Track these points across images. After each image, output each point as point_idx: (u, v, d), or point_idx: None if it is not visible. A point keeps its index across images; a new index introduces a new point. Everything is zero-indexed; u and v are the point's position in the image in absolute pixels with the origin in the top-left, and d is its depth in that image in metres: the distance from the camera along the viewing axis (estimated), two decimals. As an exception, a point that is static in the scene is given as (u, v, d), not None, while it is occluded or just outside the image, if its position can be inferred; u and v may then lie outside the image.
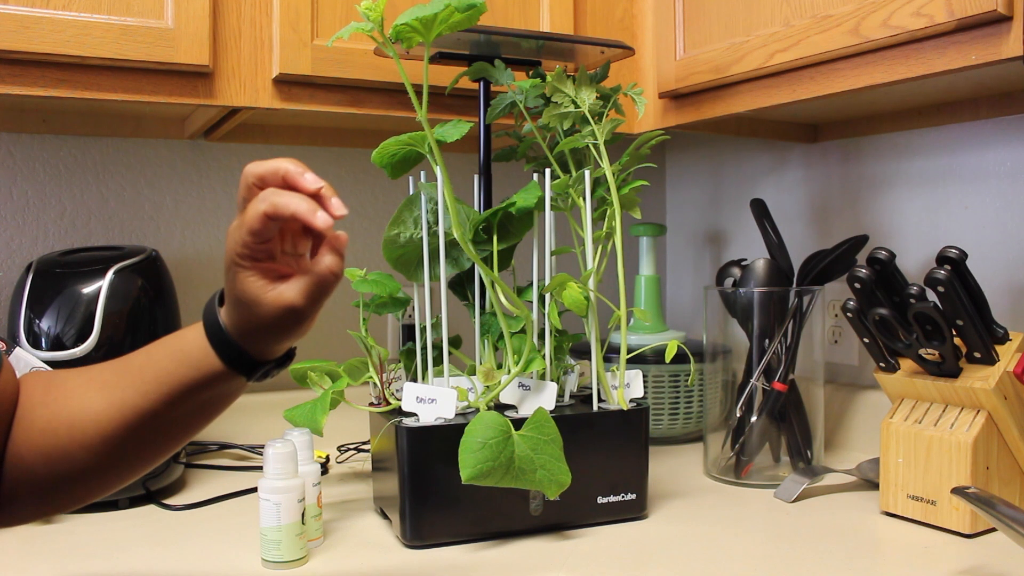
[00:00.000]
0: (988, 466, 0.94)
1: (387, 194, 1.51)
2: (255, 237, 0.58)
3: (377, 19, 0.84)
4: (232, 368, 0.63)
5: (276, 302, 0.59)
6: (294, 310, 0.59)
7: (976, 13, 0.82)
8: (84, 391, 0.65)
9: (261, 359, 0.63)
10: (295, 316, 0.60)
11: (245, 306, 0.60)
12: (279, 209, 0.58)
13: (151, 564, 0.87)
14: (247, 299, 0.60)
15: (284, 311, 0.59)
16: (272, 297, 0.59)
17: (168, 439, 0.67)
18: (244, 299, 0.60)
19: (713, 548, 0.90)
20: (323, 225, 0.58)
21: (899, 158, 1.28)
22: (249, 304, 0.60)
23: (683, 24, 1.18)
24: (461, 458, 0.85)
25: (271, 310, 0.59)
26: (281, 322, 0.60)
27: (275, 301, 0.59)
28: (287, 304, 0.59)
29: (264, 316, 0.60)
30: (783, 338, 1.15)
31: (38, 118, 1.26)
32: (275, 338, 0.62)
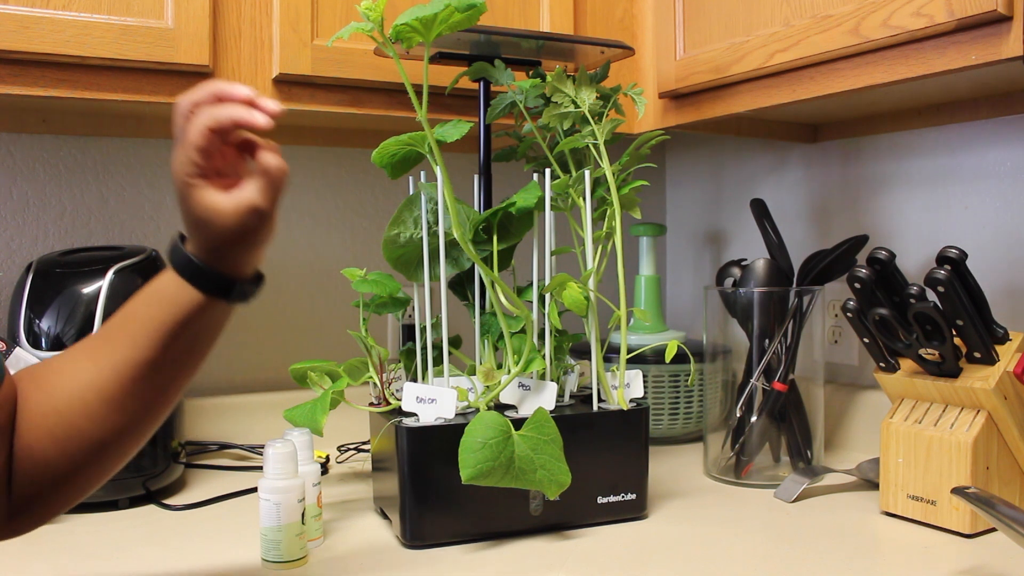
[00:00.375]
0: (988, 466, 0.94)
1: (387, 194, 1.51)
2: (201, 154, 0.62)
3: (377, 19, 0.84)
4: (209, 293, 0.64)
5: (237, 206, 0.62)
6: (256, 209, 0.62)
7: (976, 13, 0.82)
8: (73, 365, 0.66)
9: (234, 276, 0.65)
10: (258, 216, 0.62)
11: (206, 222, 0.62)
12: (220, 119, 0.61)
13: (151, 564, 0.87)
14: (208, 213, 0.62)
15: (247, 212, 0.62)
16: (232, 203, 0.62)
17: (167, 385, 0.66)
18: (205, 214, 0.62)
19: (713, 548, 0.90)
20: (264, 123, 0.62)
21: (899, 158, 1.28)
22: (211, 218, 0.62)
23: (683, 24, 1.18)
24: (461, 458, 0.85)
25: (234, 216, 0.62)
26: (246, 226, 0.62)
27: (236, 205, 0.62)
28: (248, 204, 0.62)
29: (228, 224, 0.62)
30: (783, 338, 1.15)
31: (38, 118, 1.26)
32: (242, 247, 0.64)
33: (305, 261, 1.45)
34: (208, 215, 0.62)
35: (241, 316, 1.40)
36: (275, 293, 1.43)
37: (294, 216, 1.44)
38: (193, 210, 0.63)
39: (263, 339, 1.41)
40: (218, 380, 1.37)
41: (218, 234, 0.63)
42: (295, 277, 1.44)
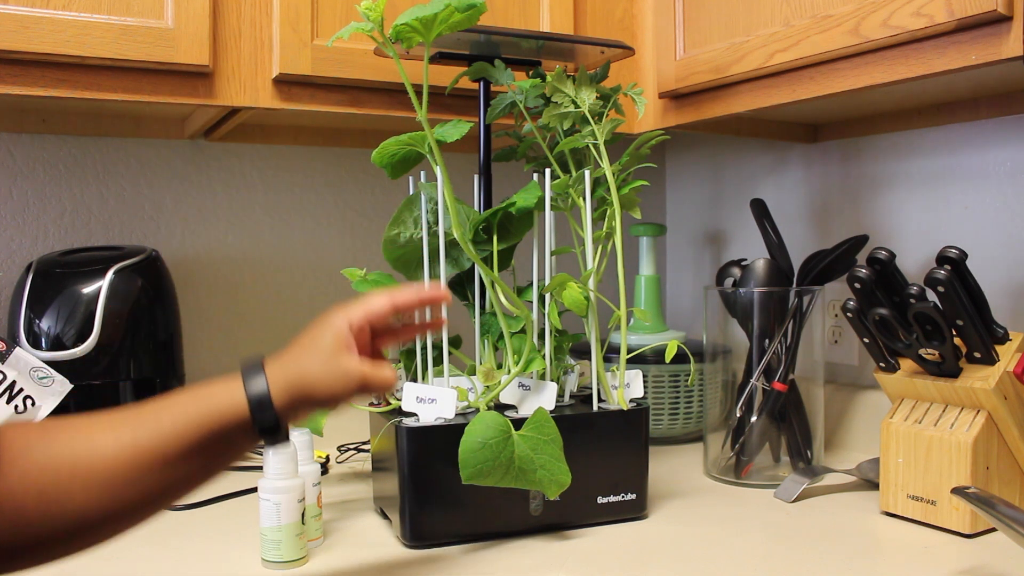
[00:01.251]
0: (988, 466, 0.94)
1: (387, 194, 1.51)
2: (372, 317, 0.72)
3: (377, 19, 0.84)
4: (256, 420, 0.66)
5: (355, 372, 0.68)
6: (364, 385, 0.68)
7: (976, 13, 0.82)
8: (90, 431, 0.64)
9: (282, 418, 0.67)
10: (356, 390, 0.68)
11: (313, 362, 0.68)
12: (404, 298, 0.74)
13: (151, 564, 0.87)
14: (326, 355, 0.68)
15: (355, 382, 0.68)
16: (355, 366, 0.68)
17: (168, 486, 0.65)
18: (321, 355, 0.68)
19: (713, 548, 0.90)
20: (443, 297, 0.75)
21: (899, 158, 1.28)
22: (322, 360, 0.68)
23: (683, 24, 1.18)
24: (461, 458, 0.85)
25: (344, 376, 0.68)
26: (340, 390, 0.68)
27: (355, 371, 0.68)
28: (363, 378, 0.68)
29: (329, 379, 0.68)
30: (783, 338, 1.15)
31: (38, 118, 1.26)
32: (316, 405, 0.69)
33: (305, 261, 1.45)
34: (320, 357, 0.68)
35: (241, 316, 1.40)
36: (275, 293, 1.43)
37: (294, 216, 1.44)
38: (316, 345, 0.69)
39: (263, 339, 1.41)
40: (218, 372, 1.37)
41: (309, 379, 0.68)
42: (295, 277, 1.44)
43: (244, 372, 0.67)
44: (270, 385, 0.66)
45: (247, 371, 0.67)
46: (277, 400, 0.66)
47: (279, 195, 1.43)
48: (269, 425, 0.66)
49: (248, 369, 0.68)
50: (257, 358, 0.69)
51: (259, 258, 1.42)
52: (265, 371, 0.67)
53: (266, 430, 0.66)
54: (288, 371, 0.68)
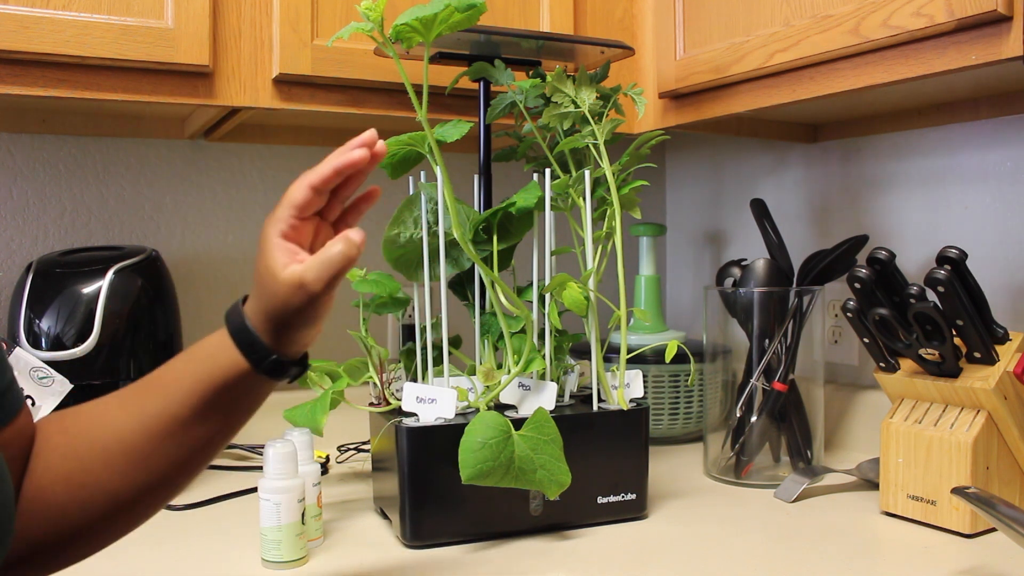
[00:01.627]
0: (988, 466, 0.94)
1: (387, 194, 1.49)
2: (295, 209, 0.64)
3: (377, 19, 0.84)
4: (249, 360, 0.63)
5: (289, 276, 0.61)
6: (302, 284, 0.61)
7: (976, 13, 0.82)
8: (103, 411, 0.64)
9: (280, 353, 0.64)
10: (304, 293, 0.61)
11: (263, 286, 0.62)
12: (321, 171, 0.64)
13: (151, 564, 0.87)
14: (267, 274, 0.62)
15: (293, 285, 0.61)
16: (287, 273, 0.61)
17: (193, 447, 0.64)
18: (265, 274, 0.62)
19: (713, 548, 0.90)
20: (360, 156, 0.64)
21: (899, 158, 1.28)
22: (267, 282, 0.62)
23: (683, 24, 1.18)
24: (461, 458, 0.85)
25: (284, 285, 0.61)
26: (290, 300, 0.61)
27: (288, 275, 0.61)
28: (296, 277, 0.61)
29: (278, 293, 0.61)
30: (783, 338, 1.15)
31: (38, 118, 1.26)
32: (291, 324, 0.63)
33: (305, 261, 1.45)
34: (265, 278, 0.62)
35: (241, 316, 1.40)
36: (275, 293, 1.42)
37: (294, 216, 1.44)
38: (259, 268, 0.63)
39: (263, 339, 1.41)
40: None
41: (270, 301, 0.62)
42: (295, 277, 1.44)
43: (227, 318, 0.65)
44: (252, 323, 0.63)
45: (230, 317, 0.65)
46: (265, 335, 0.63)
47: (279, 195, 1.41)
48: (268, 364, 0.63)
49: (230, 315, 0.65)
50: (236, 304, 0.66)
51: (259, 258, 1.41)
52: (244, 312, 0.64)
53: (268, 369, 0.63)
54: (259, 304, 0.64)
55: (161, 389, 0.64)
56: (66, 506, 0.62)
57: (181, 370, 0.64)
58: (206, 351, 0.64)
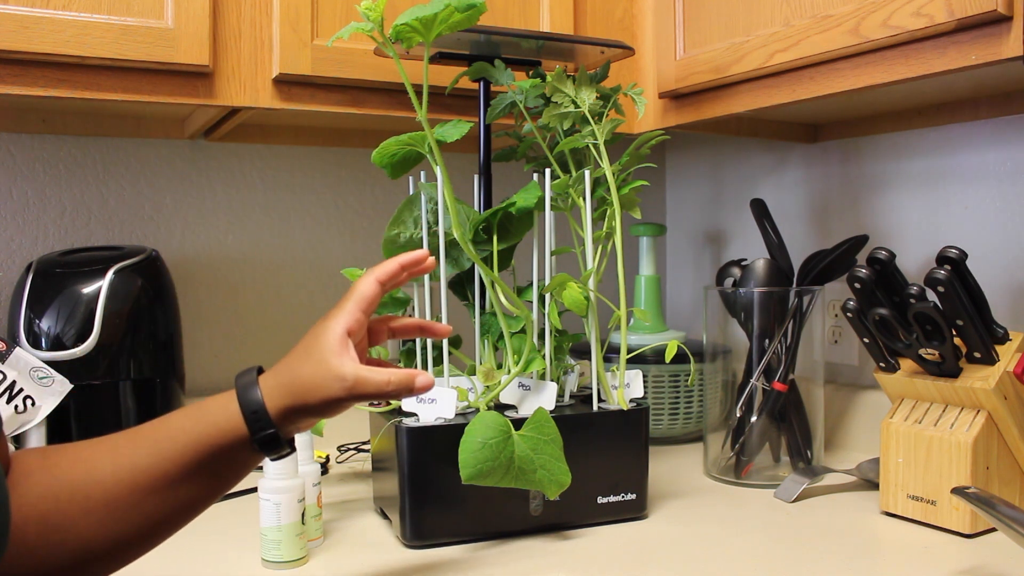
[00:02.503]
0: (988, 466, 0.94)
1: (387, 194, 1.51)
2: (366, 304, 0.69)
3: (377, 19, 0.84)
4: (252, 431, 0.64)
5: (341, 370, 0.65)
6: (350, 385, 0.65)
7: (976, 13, 0.82)
8: (90, 455, 0.63)
9: (284, 433, 0.65)
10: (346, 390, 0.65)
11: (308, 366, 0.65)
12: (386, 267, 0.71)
13: (151, 564, 0.87)
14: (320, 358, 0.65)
15: (339, 380, 0.65)
16: (342, 365, 0.65)
17: (173, 508, 0.64)
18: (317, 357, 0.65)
19: (713, 548, 0.90)
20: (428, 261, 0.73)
21: (899, 158, 1.28)
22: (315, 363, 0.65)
23: (683, 24, 1.18)
24: (461, 458, 0.85)
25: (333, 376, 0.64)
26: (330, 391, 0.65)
27: (341, 369, 0.65)
28: (352, 376, 0.65)
29: (319, 380, 0.65)
30: (783, 338, 1.15)
31: (38, 118, 1.26)
32: (310, 409, 0.65)
33: (305, 261, 1.45)
34: (314, 360, 0.65)
35: (241, 316, 1.40)
36: (275, 293, 1.43)
37: (294, 216, 1.44)
38: (310, 349, 0.66)
39: (263, 339, 1.41)
40: (218, 380, 1.37)
41: (304, 383, 0.65)
42: (295, 277, 1.44)
43: (238, 384, 0.66)
44: (264, 396, 0.65)
45: (241, 383, 0.66)
46: (273, 411, 0.64)
47: (279, 195, 1.43)
48: (267, 438, 0.64)
49: (242, 381, 0.66)
50: (252, 369, 0.67)
51: (259, 258, 1.42)
52: (259, 382, 0.66)
53: (265, 443, 0.64)
54: (282, 379, 0.66)
55: (154, 444, 0.63)
56: (36, 547, 0.60)
57: (177, 427, 0.64)
58: (206, 411, 0.65)
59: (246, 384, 0.66)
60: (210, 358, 1.37)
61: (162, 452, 0.62)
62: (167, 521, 0.64)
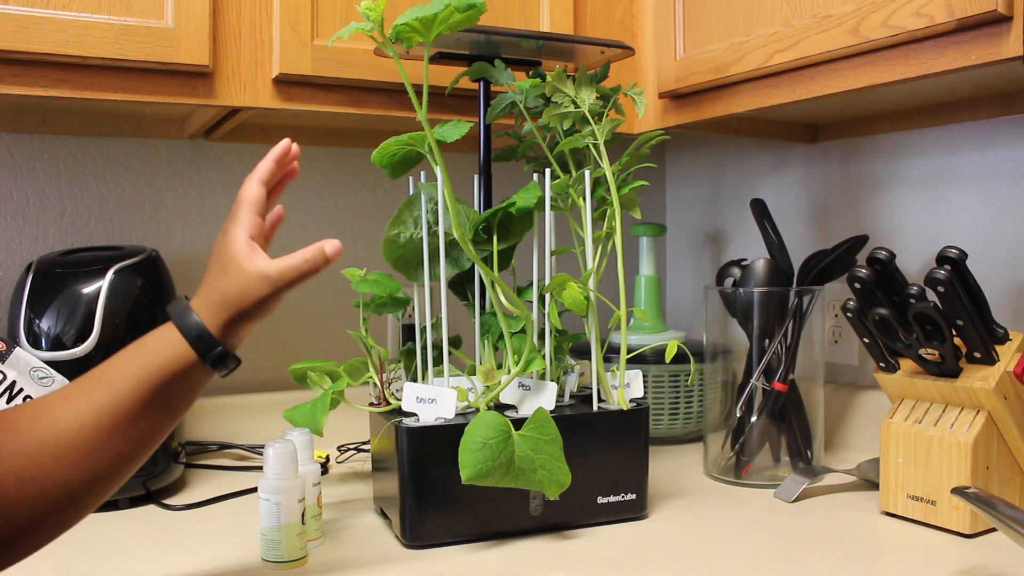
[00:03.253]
0: (988, 466, 0.94)
1: (387, 194, 1.51)
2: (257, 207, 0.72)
3: (377, 19, 0.84)
4: (199, 352, 0.68)
5: (256, 271, 0.69)
6: (268, 279, 0.69)
7: (976, 13, 0.82)
8: (48, 407, 0.66)
9: (227, 345, 0.69)
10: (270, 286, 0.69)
11: (226, 277, 0.69)
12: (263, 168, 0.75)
13: (151, 564, 0.87)
14: (234, 266, 0.69)
15: (260, 280, 0.69)
16: (254, 267, 0.69)
17: (138, 439, 0.67)
18: (231, 266, 0.69)
19: (713, 548, 0.90)
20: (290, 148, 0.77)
21: (899, 158, 1.28)
22: (232, 273, 0.69)
23: (683, 24, 1.18)
24: (461, 458, 0.85)
25: (251, 279, 0.69)
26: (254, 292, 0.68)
27: (255, 270, 0.69)
28: (263, 273, 0.69)
29: (243, 286, 0.69)
30: (783, 338, 1.15)
31: (38, 118, 1.26)
32: (244, 315, 0.69)
33: (305, 261, 1.45)
34: (230, 270, 0.69)
35: (241, 316, 1.40)
36: (275, 293, 1.43)
37: (294, 216, 1.44)
38: (222, 261, 0.70)
39: (263, 339, 1.41)
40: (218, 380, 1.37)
41: (229, 293, 0.69)
42: (295, 277, 1.44)
43: (173, 315, 0.69)
44: (202, 318, 0.69)
45: (176, 313, 0.69)
46: (215, 329, 0.69)
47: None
48: (217, 356, 0.69)
49: (176, 311, 0.70)
50: (180, 298, 0.71)
51: (259, 258, 1.41)
52: (192, 307, 0.69)
53: (216, 360, 0.68)
54: (211, 299, 0.69)
55: (109, 384, 0.66)
56: (16, 502, 0.63)
57: (127, 365, 0.67)
58: (151, 346, 0.68)
59: (181, 312, 0.69)
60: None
61: (119, 391, 0.66)
62: (134, 453, 0.68)
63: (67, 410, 0.65)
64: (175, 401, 0.69)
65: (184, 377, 0.68)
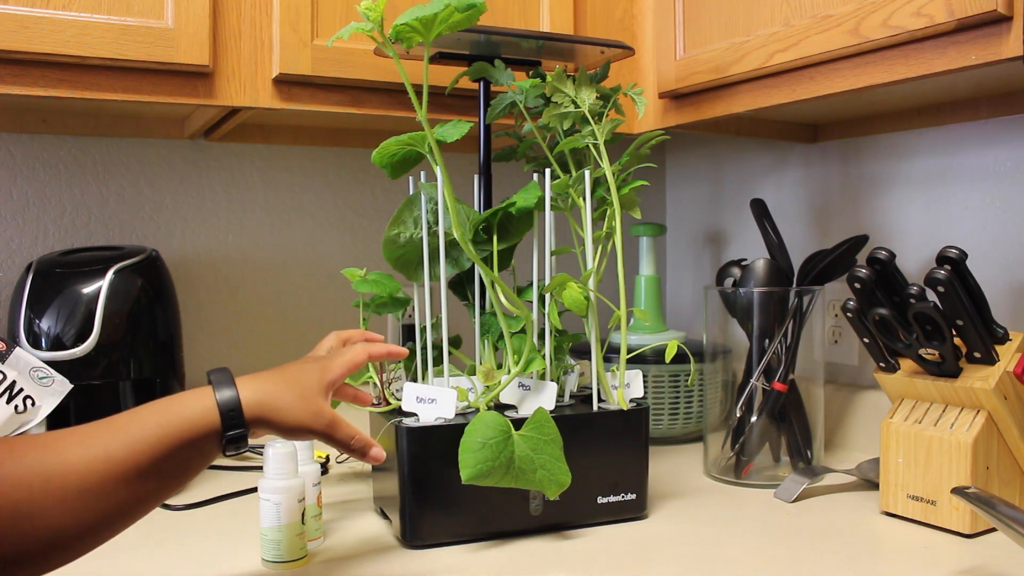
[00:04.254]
0: (988, 466, 0.94)
1: (387, 194, 1.51)
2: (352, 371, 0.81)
3: (377, 19, 0.84)
4: (223, 423, 0.68)
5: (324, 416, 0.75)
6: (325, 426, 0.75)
7: (976, 13, 0.82)
8: (60, 446, 0.64)
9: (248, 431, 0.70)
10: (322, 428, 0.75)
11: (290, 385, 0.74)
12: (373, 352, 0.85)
13: (151, 564, 0.87)
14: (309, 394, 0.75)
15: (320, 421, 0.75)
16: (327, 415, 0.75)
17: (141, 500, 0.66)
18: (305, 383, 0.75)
19: (713, 548, 0.90)
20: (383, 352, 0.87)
21: (899, 158, 1.28)
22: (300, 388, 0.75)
23: (683, 24, 1.18)
24: (461, 458, 0.85)
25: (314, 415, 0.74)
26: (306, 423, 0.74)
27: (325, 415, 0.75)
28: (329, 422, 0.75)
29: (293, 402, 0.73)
30: (783, 338, 1.15)
31: (38, 118, 1.26)
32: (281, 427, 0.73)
33: (305, 261, 1.45)
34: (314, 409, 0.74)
35: (241, 316, 1.40)
36: (275, 293, 1.43)
37: (294, 216, 1.44)
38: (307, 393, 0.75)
39: (263, 339, 1.41)
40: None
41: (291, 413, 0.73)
42: (295, 277, 1.44)
43: (214, 382, 0.70)
44: (240, 396, 0.70)
45: (217, 381, 0.71)
46: (247, 411, 0.70)
47: (279, 195, 1.43)
48: (237, 436, 0.69)
49: (218, 379, 0.71)
50: (224, 369, 0.72)
51: (259, 258, 1.42)
52: (236, 383, 0.71)
53: (234, 439, 0.69)
54: (260, 390, 0.72)
55: (127, 435, 0.65)
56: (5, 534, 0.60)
57: (151, 420, 0.66)
58: (179, 405, 0.68)
59: (223, 381, 0.71)
60: (210, 358, 1.37)
61: (134, 443, 0.65)
62: (135, 508, 0.66)
63: (80, 453, 0.63)
64: (183, 468, 0.68)
65: (198, 445, 0.68)
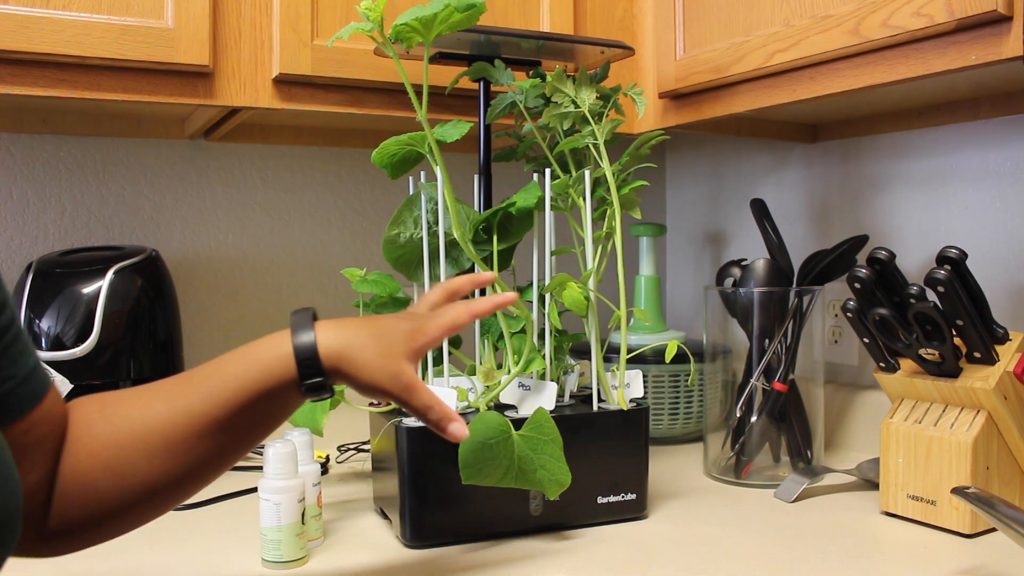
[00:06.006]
0: (988, 466, 0.94)
1: (387, 194, 1.51)
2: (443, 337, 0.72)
3: (377, 19, 0.84)
4: (302, 377, 0.65)
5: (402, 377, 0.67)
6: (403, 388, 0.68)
7: (976, 13, 0.82)
8: (147, 402, 0.65)
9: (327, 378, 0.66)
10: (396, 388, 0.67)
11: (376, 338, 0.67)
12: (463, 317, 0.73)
13: (151, 564, 0.87)
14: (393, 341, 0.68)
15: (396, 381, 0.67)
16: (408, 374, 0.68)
17: (225, 449, 0.66)
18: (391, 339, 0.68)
19: (713, 548, 0.90)
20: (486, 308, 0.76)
21: (899, 158, 1.28)
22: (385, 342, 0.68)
23: (683, 24, 1.18)
24: (461, 458, 0.85)
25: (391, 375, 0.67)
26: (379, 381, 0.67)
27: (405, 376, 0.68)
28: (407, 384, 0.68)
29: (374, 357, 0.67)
30: (783, 338, 1.15)
31: (38, 118, 1.26)
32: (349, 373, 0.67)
33: (305, 261, 1.45)
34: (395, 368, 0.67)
35: (241, 316, 1.40)
36: (275, 293, 1.43)
37: (294, 216, 1.44)
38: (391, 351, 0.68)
39: (263, 339, 1.41)
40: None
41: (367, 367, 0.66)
42: (295, 277, 1.44)
43: (292, 324, 0.67)
44: (318, 342, 0.65)
45: (295, 324, 0.67)
46: (324, 358, 0.65)
47: (279, 195, 1.43)
48: (316, 383, 0.65)
49: (296, 321, 0.67)
50: (307, 311, 0.68)
51: (259, 258, 1.42)
52: (315, 327, 0.66)
53: (312, 387, 0.65)
54: (342, 339, 0.66)
55: (207, 389, 0.65)
56: (105, 491, 0.64)
57: (230, 373, 0.66)
58: (261, 361, 0.66)
59: (301, 324, 0.66)
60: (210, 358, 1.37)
61: (214, 397, 0.65)
62: (217, 463, 0.67)
63: (163, 409, 0.65)
64: (265, 417, 0.67)
65: (277, 395, 0.66)
